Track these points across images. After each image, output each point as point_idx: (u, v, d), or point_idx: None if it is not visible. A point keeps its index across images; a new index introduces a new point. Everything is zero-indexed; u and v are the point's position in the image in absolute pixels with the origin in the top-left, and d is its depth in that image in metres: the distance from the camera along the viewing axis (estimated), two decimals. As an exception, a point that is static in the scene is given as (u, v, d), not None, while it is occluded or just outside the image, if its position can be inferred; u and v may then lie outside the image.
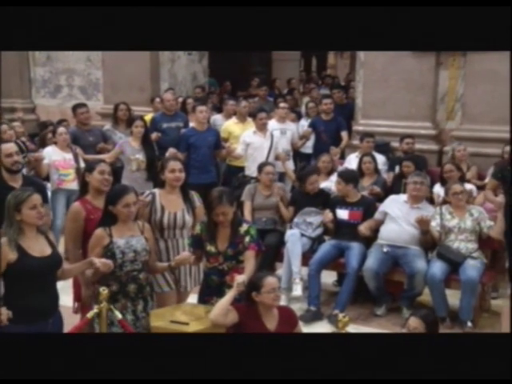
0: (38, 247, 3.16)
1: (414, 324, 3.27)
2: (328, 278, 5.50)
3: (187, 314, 3.51)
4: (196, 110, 6.55)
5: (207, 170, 6.41)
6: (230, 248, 3.67)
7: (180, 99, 7.94)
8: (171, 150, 6.19)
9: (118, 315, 3.37)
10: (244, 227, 3.72)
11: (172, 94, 7.50)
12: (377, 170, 5.98)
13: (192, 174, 5.95)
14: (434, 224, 4.90)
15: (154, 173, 5.39)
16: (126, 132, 6.58)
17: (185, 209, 3.96)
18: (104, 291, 3.29)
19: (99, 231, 3.53)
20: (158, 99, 7.86)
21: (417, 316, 3.32)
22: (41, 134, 7.31)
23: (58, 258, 3.26)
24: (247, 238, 3.67)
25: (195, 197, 4.09)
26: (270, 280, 3.37)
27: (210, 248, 3.70)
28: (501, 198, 4.77)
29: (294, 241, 5.15)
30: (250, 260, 3.66)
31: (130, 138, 6.18)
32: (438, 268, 4.72)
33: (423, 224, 4.83)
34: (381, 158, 6.29)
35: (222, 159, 6.93)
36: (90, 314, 3.36)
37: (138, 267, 3.54)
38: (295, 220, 5.38)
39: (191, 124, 6.90)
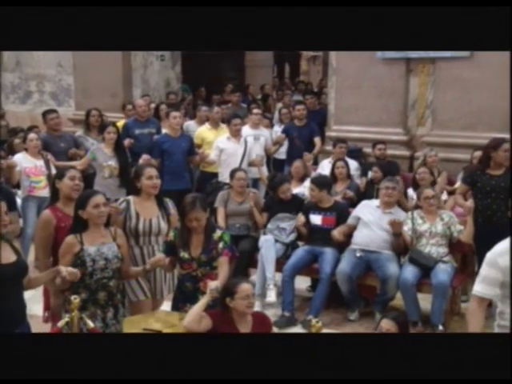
0: (1, 254, 3.06)
1: (387, 326, 3.31)
2: (302, 283, 5.51)
3: (160, 322, 3.49)
4: (169, 115, 6.53)
5: (181, 176, 6.39)
6: (203, 254, 3.66)
7: (153, 105, 7.91)
8: (145, 157, 6.15)
9: (90, 324, 3.33)
10: (217, 233, 3.72)
11: (144, 99, 7.48)
12: (349, 176, 6.04)
13: (166, 180, 5.91)
14: (406, 228, 4.95)
15: (127, 179, 5.36)
16: (98, 138, 6.53)
17: (160, 215, 3.96)
18: (75, 300, 3.25)
19: (70, 238, 3.49)
20: (129, 105, 7.81)
21: (389, 318, 3.36)
22: (8, 141, 7.20)
23: (23, 266, 3.17)
24: (221, 244, 3.67)
25: (169, 203, 4.10)
26: (244, 286, 3.36)
27: (184, 254, 3.69)
28: (470, 203, 4.85)
29: (268, 247, 5.16)
30: (223, 266, 3.65)
31: (102, 145, 6.13)
32: (409, 272, 4.77)
33: (396, 227, 4.89)
34: (353, 164, 6.35)
35: (196, 165, 6.92)
36: (60, 323, 3.31)
37: (109, 275, 3.51)
38: (269, 226, 5.39)
39: (164, 130, 6.88)
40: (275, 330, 4.52)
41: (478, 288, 2.92)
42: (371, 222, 5.04)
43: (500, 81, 6.17)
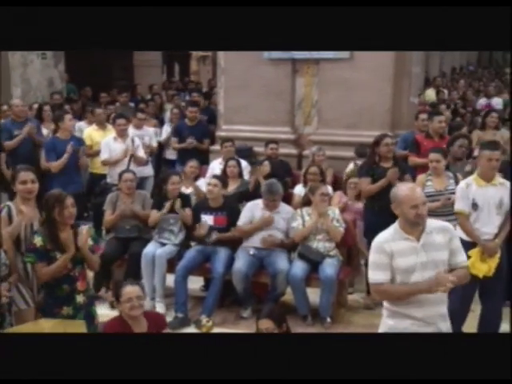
0: None
1: (264, 325, 3.32)
2: (195, 283, 5.51)
3: (47, 331, 3.34)
4: (64, 118, 6.27)
5: (72, 180, 6.14)
6: (77, 251, 3.56)
7: (35, 106, 7.59)
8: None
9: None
10: (84, 228, 3.62)
11: (21, 100, 7.19)
12: (241, 175, 6.09)
13: (58, 182, 5.72)
14: (295, 225, 5.09)
15: (5, 183, 5.10)
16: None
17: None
18: None
19: None
20: (5, 106, 7.45)
21: (262, 317, 3.36)
22: None
23: None
24: (90, 241, 3.61)
25: None
26: (126, 289, 3.40)
27: (59, 256, 3.55)
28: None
29: (160, 264, 5.12)
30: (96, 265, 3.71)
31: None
32: (299, 268, 4.91)
33: (266, 244, 5.03)
34: (243, 163, 6.41)
35: (85, 168, 6.74)
36: None
37: None
38: (156, 231, 5.30)
39: (45, 131, 6.69)
40: (169, 331, 4.48)
41: (374, 276, 2.98)
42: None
43: (378, 81, 6.51)
